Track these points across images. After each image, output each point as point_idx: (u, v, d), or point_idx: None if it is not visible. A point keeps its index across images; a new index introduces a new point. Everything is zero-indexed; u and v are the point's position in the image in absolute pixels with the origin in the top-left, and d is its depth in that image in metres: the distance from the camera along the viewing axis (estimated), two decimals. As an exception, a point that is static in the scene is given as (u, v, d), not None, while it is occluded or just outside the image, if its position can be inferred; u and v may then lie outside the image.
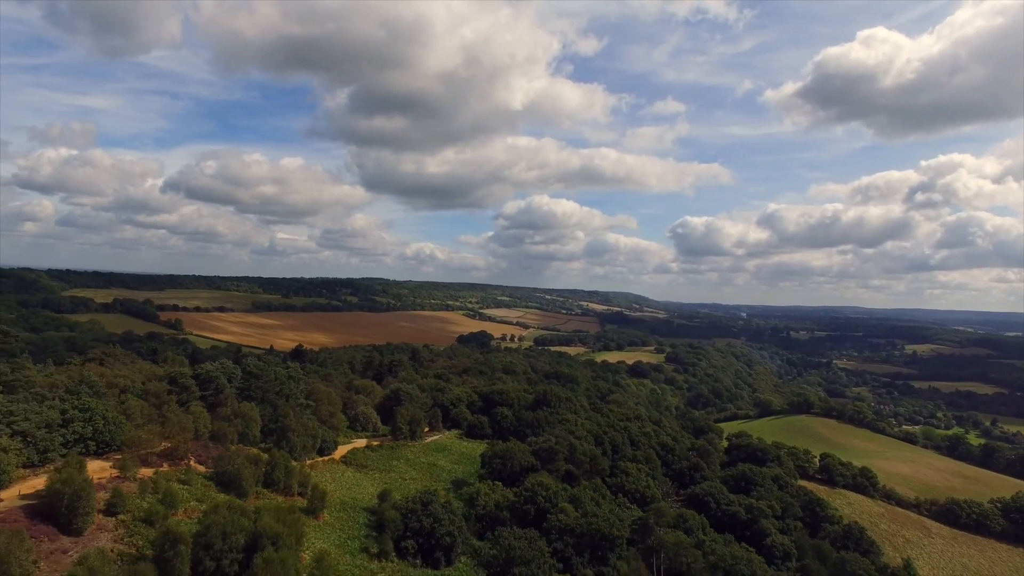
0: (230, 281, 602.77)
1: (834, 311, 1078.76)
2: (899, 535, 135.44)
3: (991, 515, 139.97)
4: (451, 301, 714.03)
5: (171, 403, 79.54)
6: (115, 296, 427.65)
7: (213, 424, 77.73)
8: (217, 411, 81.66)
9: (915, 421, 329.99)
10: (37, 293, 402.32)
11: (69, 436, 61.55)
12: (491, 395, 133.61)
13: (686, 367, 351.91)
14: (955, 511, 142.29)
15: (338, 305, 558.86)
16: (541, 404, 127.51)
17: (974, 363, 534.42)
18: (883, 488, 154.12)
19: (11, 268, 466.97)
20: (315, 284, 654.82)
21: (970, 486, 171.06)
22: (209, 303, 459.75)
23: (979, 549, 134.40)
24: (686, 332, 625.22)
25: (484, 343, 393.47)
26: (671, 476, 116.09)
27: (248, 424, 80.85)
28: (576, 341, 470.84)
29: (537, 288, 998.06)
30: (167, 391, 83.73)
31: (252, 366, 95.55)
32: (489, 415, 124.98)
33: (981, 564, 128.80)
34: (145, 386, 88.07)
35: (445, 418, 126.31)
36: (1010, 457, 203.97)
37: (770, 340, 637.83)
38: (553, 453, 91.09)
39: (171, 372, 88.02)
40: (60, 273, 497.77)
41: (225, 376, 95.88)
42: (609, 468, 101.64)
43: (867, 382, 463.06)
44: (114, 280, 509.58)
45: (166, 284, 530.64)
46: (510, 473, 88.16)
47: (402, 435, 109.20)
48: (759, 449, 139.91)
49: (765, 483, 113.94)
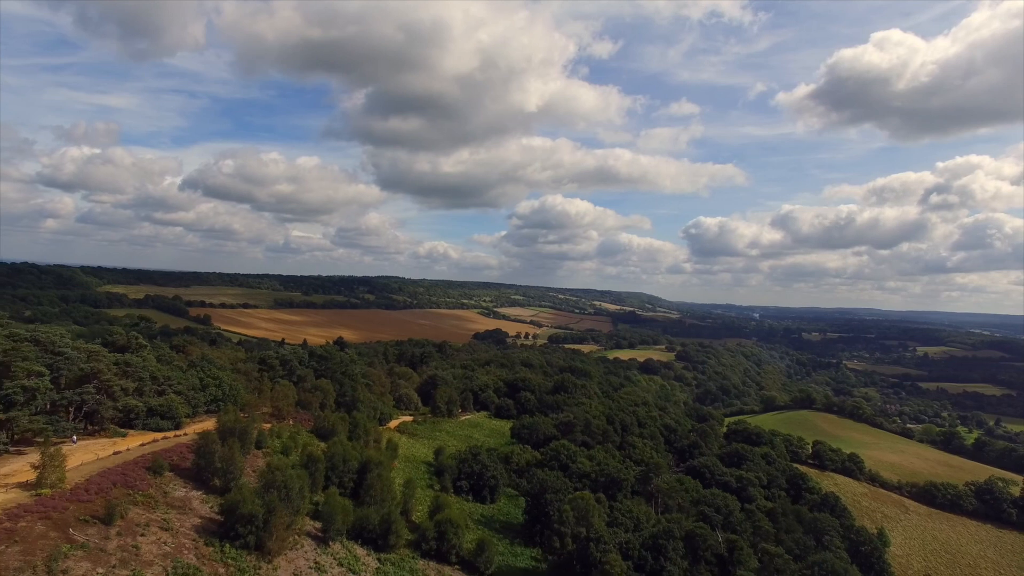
0: (252, 278, 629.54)
1: (848, 313, 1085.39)
2: (879, 511, 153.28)
3: (964, 496, 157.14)
4: (466, 300, 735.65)
5: (264, 378, 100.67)
6: (145, 292, 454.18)
7: (299, 395, 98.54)
8: (300, 385, 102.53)
9: (919, 420, 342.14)
10: (75, 289, 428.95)
11: (207, 397, 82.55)
12: (515, 382, 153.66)
13: (695, 365, 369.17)
14: (932, 492, 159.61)
15: (356, 303, 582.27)
16: (559, 390, 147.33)
17: (986, 365, 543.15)
18: (869, 472, 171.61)
19: (47, 264, 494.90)
20: (333, 282, 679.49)
21: (953, 473, 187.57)
22: (234, 300, 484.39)
23: (951, 525, 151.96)
24: (698, 332, 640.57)
25: (500, 340, 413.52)
26: (673, 452, 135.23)
27: (325, 396, 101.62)
28: (589, 339, 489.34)
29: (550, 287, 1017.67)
30: (258, 369, 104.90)
31: (321, 351, 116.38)
32: (514, 399, 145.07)
33: (950, 536, 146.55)
34: (235, 366, 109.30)
35: (475, 401, 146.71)
36: (1000, 451, 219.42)
37: (782, 341, 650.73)
38: (571, 426, 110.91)
39: (261, 355, 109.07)
40: (92, 270, 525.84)
41: (297, 360, 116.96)
42: (619, 442, 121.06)
43: (875, 383, 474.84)
44: (143, 277, 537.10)
45: (191, 281, 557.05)
46: (536, 441, 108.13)
47: (440, 413, 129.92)
48: (754, 433, 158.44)
49: (755, 459, 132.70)
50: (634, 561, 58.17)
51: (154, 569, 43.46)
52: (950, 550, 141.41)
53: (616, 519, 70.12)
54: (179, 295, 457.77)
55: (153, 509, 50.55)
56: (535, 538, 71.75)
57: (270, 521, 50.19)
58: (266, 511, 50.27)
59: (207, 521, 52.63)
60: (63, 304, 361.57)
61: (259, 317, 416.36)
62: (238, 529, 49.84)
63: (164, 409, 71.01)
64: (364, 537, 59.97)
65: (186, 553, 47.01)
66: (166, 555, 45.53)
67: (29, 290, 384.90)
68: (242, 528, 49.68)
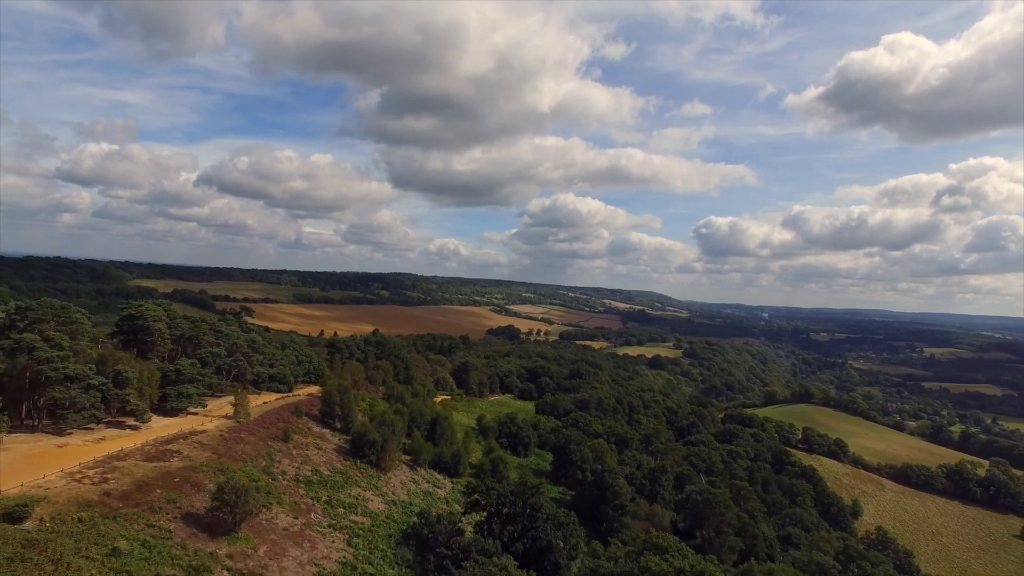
0: (271, 273, 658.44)
1: (858, 314, 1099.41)
2: (857, 487, 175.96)
3: (936, 476, 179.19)
4: (477, 297, 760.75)
5: (336, 358, 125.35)
6: (173, 287, 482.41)
7: (366, 372, 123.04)
8: (364, 364, 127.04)
9: (918, 418, 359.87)
10: (109, 283, 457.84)
11: (302, 370, 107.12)
12: (535, 369, 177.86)
13: (702, 362, 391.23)
14: (907, 473, 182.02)
15: (372, 299, 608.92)
16: (575, 376, 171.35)
17: (991, 367, 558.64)
18: (852, 455, 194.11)
19: (80, 260, 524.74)
20: (348, 278, 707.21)
21: (932, 459, 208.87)
22: (257, 294, 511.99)
23: (921, 500, 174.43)
24: (706, 331, 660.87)
25: (513, 336, 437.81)
26: (673, 430, 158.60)
27: (385, 373, 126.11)
28: (599, 336, 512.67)
29: (560, 286, 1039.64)
30: (328, 352, 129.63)
31: (376, 338, 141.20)
32: (535, 383, 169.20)
33: (919, 509, 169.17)
34: (305, 349, 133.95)
35: (501, 385, 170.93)
36: (983, 443, 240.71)
37: (789, 341, 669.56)
38: (587, 403, 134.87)
39: (329, 340, 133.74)
40: (120, 264, 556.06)
41: (355, 346, 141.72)
42: (627, 419, 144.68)
43: (879, 382, 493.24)
44: (168, 272, 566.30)
45: (214, 276, 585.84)
46: (557, 414, 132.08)
47: (473, 393, 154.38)
48: (747, 417, 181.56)
49: (745, 437, 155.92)
50: (636, 486, 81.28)
51: (322, 468, 68.00)
52: (917, 520, 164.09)
53: (624, 462, 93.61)
54: (204, 290, 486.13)
55: (305, 436, 75.08)
56: (561, 479, 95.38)
57: (384, 446, 74.58)
58: (382, 439, 74.66)
59: (338, 447, 77.13)
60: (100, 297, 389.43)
61: (283, 312, 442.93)
62: (364, 450, 74.30)
63: (281, 376, 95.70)
64: (440, 467, 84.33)
65: (335, 462, 71.53)
66: (325, 462, 70.12)
67: (68, 283, 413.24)
68: (367, 450, 74.14)
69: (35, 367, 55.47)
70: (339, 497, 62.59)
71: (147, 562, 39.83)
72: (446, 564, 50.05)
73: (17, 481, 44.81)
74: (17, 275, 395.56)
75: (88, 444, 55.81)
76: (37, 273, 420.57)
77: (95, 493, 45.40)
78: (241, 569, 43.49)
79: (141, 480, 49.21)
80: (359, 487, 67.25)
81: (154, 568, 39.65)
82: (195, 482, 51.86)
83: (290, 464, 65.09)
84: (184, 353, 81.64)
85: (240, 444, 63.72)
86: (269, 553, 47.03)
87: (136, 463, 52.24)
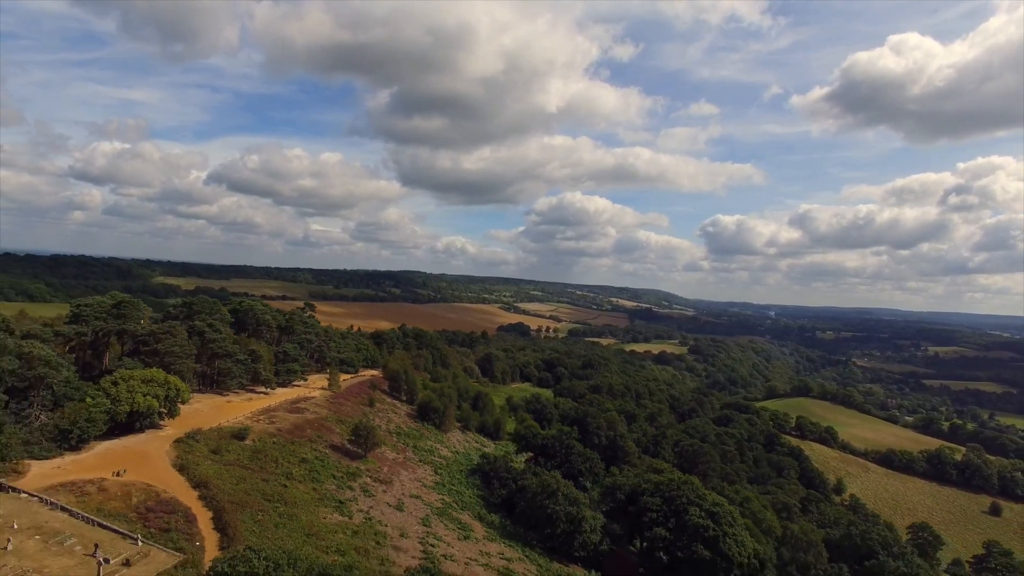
0: (285, 271, 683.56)
1: (867, 313, 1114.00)
2: (843, 470, 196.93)
3: (917, 460, 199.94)
4: (486, 294, 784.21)
5: (382, 348, 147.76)
6: (195, 284, 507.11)
7: (411, 359, 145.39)
8: (408, 353, 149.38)
9: (916, 413, 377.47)
10: (134, 280, 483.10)
11: (361, 357, 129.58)
12: (551, 360, 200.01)
13: (706, 358, 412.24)
14: (891, 457, 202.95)
15: (384, 296, 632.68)
16: (587, 366, 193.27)
17: (995, 365, 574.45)
18: (841, 442, 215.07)
19: (103, 257, 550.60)
20: (359, 276, 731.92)
21: (917, 447, 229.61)
22: (275, 292, 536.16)
23: (902, 482, 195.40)
24: (712, 329, 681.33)
25: (524, 333, 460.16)
26: (675, 414, 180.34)
27: (426, 361, 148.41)
28: (607, 333, 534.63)
29: (567, 284, 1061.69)
30: (373, 343, 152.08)
31: (414, 331, 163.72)
32: (551, 373, 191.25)
33: (899, 489, 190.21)
34: (362, 339, 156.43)
35: (520, 375, 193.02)
36: (970, 432, 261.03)
37: (795, 339, 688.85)
38: (599, 388, 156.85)
39: (374, 332, 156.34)
40: (142, 263, 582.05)
41: (395, 336, 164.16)
42: (634, 404, 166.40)
43: (881, 379, 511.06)
44: (188, 269, 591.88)
45: (231, 273, 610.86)
46: (573, 397, 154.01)
47: (497, 381, 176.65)
48: (743, 404, 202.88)
49: (739, 420, 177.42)
50: (642, 448, 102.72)
51: (401, 426, 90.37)
52: (896, 499, 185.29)
53: (632, 431, 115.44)
54: (224, 287, 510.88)
55: (383, 404, 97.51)
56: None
57: (445, 412, 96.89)
58: (443, 406, 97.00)
59: (406, 413, 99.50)
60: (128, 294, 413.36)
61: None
62: (429, 415, 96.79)
63: (349, 360, 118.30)
64: (484, 431, 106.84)
65: (408, 423, 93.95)
66: (402, 422, 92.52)
67: (97, 281, 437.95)
68: (432, 415, 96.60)
69: (207, 346, 78.03)
70: (419, 445, 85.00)
71: (322, 465, 62.33)
72: (508, 483, 72.14)
73: (219, 420, 67.24)
74: (50, 272, 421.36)
75: (243, 402, 78.41)
76: (68, 271, 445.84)
77: (271, 429, 67.83)
78: (376, 477, 65.84)
79: (294, 423, 71.69)
80: (430, 440, 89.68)
81: (327, 471, 62.09)
82: (327, 427, 74.35)
83: (380, 421, 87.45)
84: (282, 339, 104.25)
85: (343, 405, 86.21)
86: (389, 472, 69.39)
87: (284, 414, 74.71)
